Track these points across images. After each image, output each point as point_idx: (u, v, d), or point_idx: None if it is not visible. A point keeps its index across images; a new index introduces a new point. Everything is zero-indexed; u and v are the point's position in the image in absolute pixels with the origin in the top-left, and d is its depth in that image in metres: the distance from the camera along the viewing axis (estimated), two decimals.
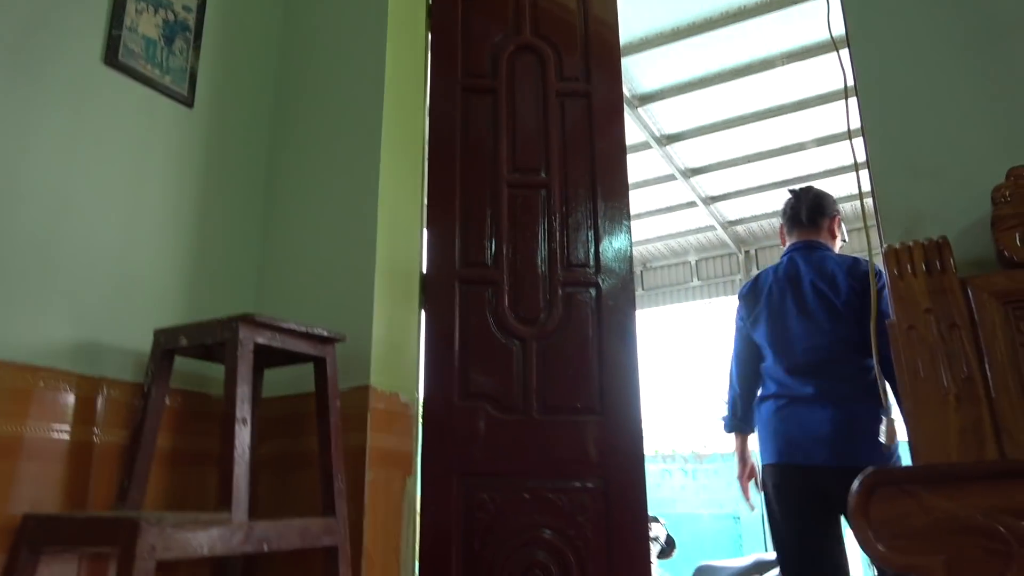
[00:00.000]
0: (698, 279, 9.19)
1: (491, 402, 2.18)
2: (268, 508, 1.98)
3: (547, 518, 2.09)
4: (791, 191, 2.76)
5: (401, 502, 2.05)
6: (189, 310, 2.08)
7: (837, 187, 7.34)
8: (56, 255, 1.80)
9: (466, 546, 2.06)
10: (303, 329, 1.82)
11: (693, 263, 9.22)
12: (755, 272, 8.88)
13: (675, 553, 5.29)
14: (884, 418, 1.71)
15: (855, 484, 0.82)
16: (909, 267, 1.35)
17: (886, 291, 1.43)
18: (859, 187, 1.82)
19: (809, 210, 2.61)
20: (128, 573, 1.33)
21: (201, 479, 2.03)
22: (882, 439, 1.70)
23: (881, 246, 1.48)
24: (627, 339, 2.29)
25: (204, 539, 1.47)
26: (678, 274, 9.32)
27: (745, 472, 2.66)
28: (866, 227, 1.77)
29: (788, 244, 2.65)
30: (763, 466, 2.51)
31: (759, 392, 2.58)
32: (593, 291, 2.33)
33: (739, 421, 2.67)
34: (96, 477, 1.78)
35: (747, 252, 8.90)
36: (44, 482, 1.68)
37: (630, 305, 2.33)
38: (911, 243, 1.41)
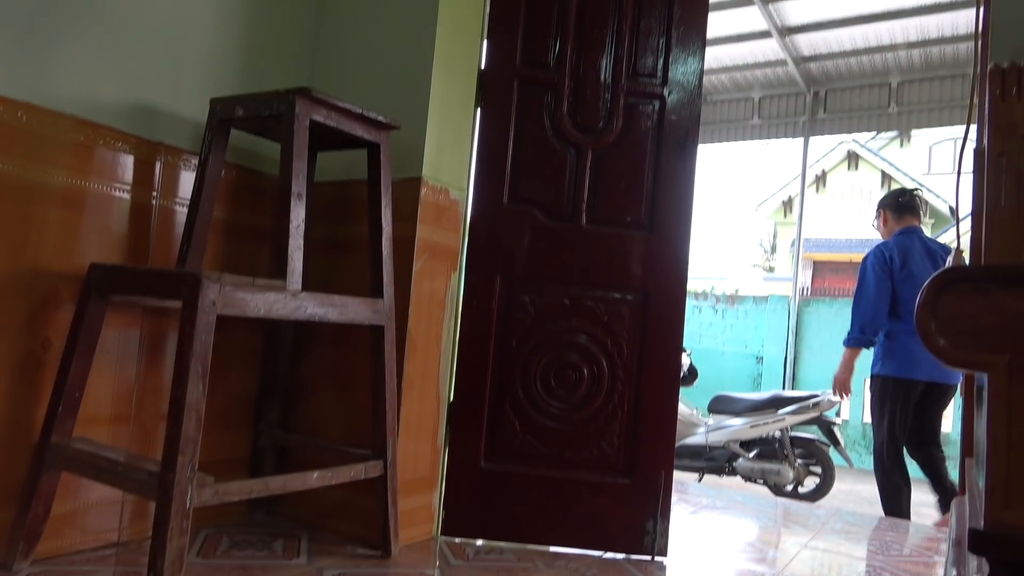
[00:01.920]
0: (759, 117, 8.76)
1: (540, 208, 2.17)
2: (316, 288, 2.06)
3: (584, 324, 2.15)
4: (904, 190, 3.93)
5: (445, 294, 2.11)
6: (242, 84, 2.04)
7: (940, 22, 6.77)
8: (111, 15, 1.75)
9: (503, 343, 2.13)
10: (359, 111, 1.79)
11: (756, 100, 8.75)
12: (821, 115, 8.41)
13: (696, 382, 5.50)
14: None
15: (926, 282, 0.80)
16: (1014, 89, 1.24)
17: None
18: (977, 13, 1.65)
19: (919, 206, 3.83)
20: (191, 324, 1.40)
21: (252, 253, 2.10)
22: None
23: (988, 65, 1.36)
24: (686, 158, 2.21)
25: (260, 301, 1.54)
26: (738, 110, 8.88)
27: (849, 377, 3.72)
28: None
29: (903, 226, 3.71)
30: (886, 377, 3.56)
31: (898, 325, 3.53)
32: (656, 104, 2.22)
33: (865, 340, 3.61)
34: (155, 239, 1.85)
35: (816, 93, 8.39)
36: (107, 237, 1.74)
37: (693, 123, 2.23)
38: (1021, 64, 1.29)
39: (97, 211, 1.72)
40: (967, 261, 1.72)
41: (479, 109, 2.21)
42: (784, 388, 8.40)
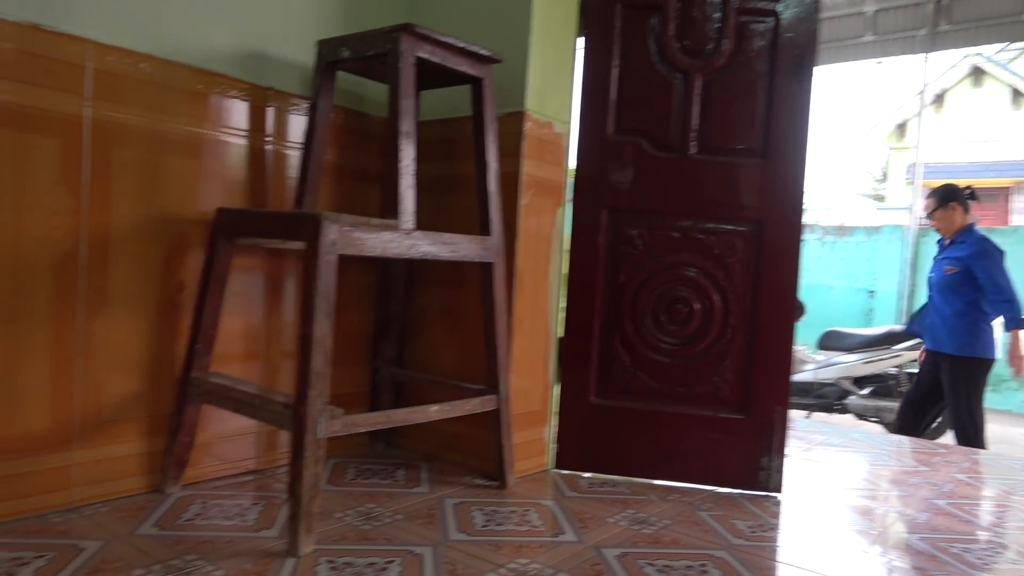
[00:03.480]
0: (873, 33, 8.13)
1: (646, 138, 2.10)
2: (425, 227, 2.08)
3: (695, 258, 2.09)
4: (969, 186, 3.89)
5: (551, 229, 2.09)
6: (345, 25, 2.05)
7: None
8: None
9: (611, 277, 2.11)
10: (462, 45, 1.76)
11: (870, 14, 8.10)
12: (943, 28, 7.71)
13: (803, 317, 5.31)
14: None
15: None
16: None
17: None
18: None
19: None
20: (314, 264, 1.45)
21: (361, 194, 2.14)
22: None
23: None
24: (802, 79, 2.07)
25: (376, 241, 1.57)
26: (849, 27, 8.26)
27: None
28: None
29: (970, 222, 3.79)
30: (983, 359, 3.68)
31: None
32: (770, 21, 2.08)
33: None
34: (271, 182, 1.91)
35: (939, 3, 7.68)
36: (226, 183, 1.81)
37: (810, 41, 2.08)
38: None
39: (216, 157, 1.79)
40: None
41: (581, 37, 2.14)
42: (899, 323, 8.00)
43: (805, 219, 2.12)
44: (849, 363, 5.02)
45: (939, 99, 18.01)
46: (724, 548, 1.63)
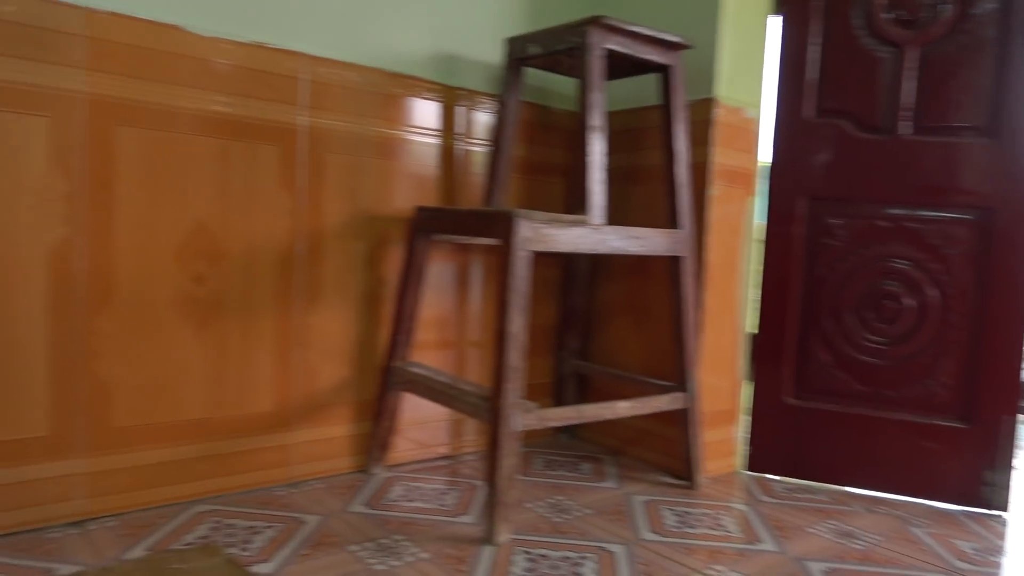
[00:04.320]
0: None
1: (850, 119, 1.94)
2: (611, 219, 2.06)
3: (907, 249, 1.90)
4: None
5: (741, 220, 2.00)
6: (529, 22, 2.07)
7: None
8: None
9: (808, 270, 1.98)
10: (651, 33, 1.71)
11: None
12: None
13: None
14: None
15: None
16: None
17: None
18: None
19: None
20: (509, 261, 1.48)
21: (546, 188, 2.16)
22: None
23: None
24: None
25: (567, 237, 1.57)
26: None
27: None
28: None
29: None
30: None
31: None
32: None
33: None
34: (461, 180, 1.97)
35: None
36: (421, 181, 1.90)
37: None
38: None
39: (410, 157, 1.87)
40: None
41: (776, 15, 2.01)
42: None
43: None
44: None
45: None
46: (946, 572, 1.48)
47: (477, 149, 2.00)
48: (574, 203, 1.96)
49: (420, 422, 1.95)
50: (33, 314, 1.37)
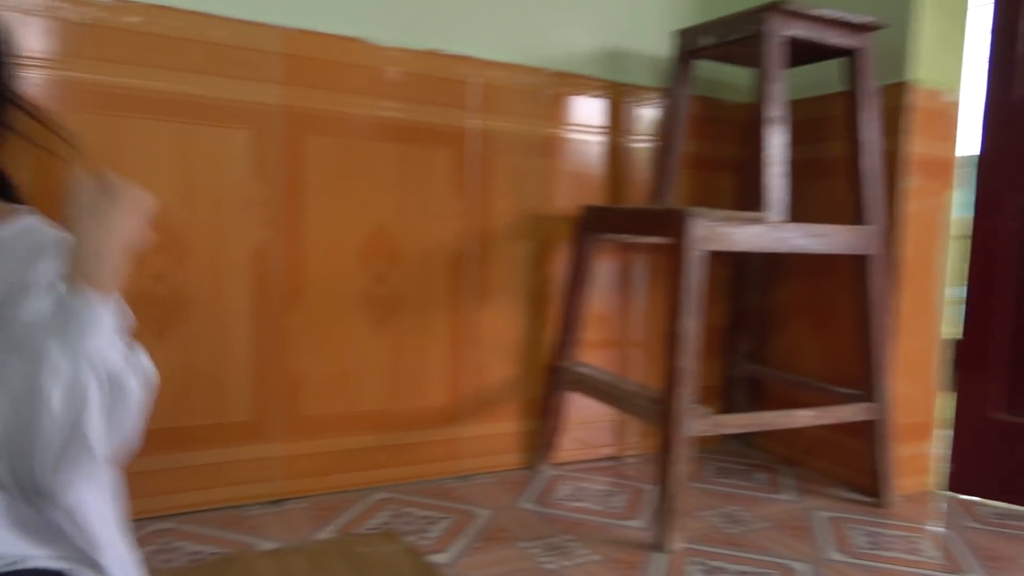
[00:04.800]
0: None
1: None
2: (790, 215, 1.94)
3: None
4: None
5: (939, 215, 1.81)
6: (699, 13, 1.99)
7: None
8: None
9: (1023, 271, 1.76)
10: (837, 16, 1.59)
11: None
12: None
13: None
14: None
15: None
16: None
17: None
18: None
19: None
20: (681, 261, 1.43)
21: (715, 184, 2.07)
22: None
23: None
24: None
25: (744, 235, 1.50)
26: None
27: None
28: None
29: None
30: None
31: None
32: None
33: None
34: (627, 177, 1.94)
35: None
36: (586, 180, 1.88)
37: None
38: None
39: (575, 155, 1.86)
40: None
41: None
42: None
43: None
44: None
45: None
46: None
47: (643, 146, 1.95)
48: (747, 199, 1.87)
49: (584, 422, 1.93)
50: (238, 310, 1.50)
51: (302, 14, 1.51)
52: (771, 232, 1.53)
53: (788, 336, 2.03)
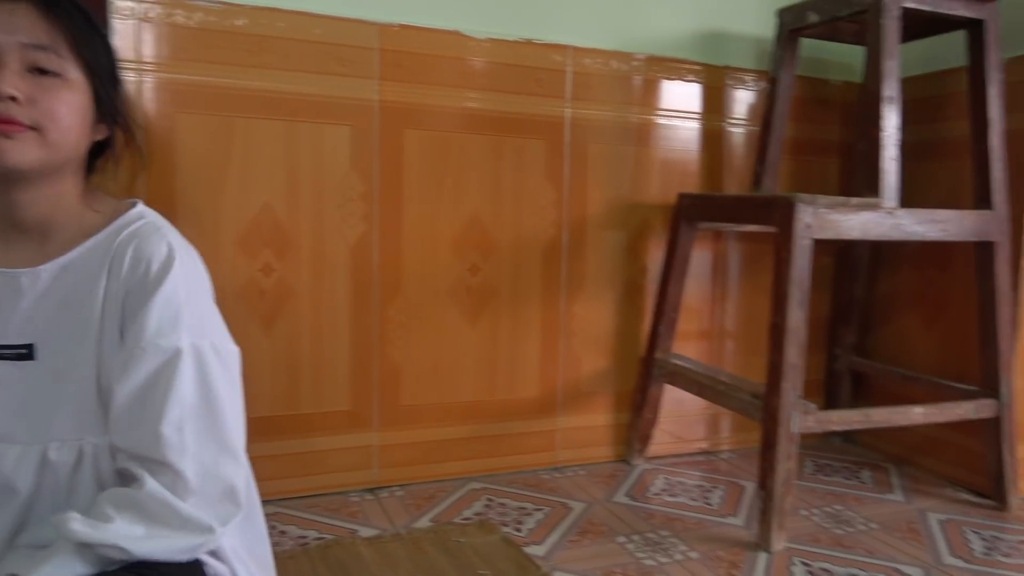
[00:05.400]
0: None
1: None
2: (903, 201, 1.84)
3: None
4: None
5: None
6: None
7: None
8: None
9: None
10: None
11: None
12: None
13: None
14: None
15: None
16: None
17: None
18: None
19: None
20: (787, 250, 1.37)
21: (819, 169, 1.98)
22: None
23: None
24: None
25: (855, 222, 1.42)
26: None
27: None
28: None
29: None
30: None
31: None
32: None
33: None
34: (729, 163, 1.87)
35: None
36: (682, 168, 1.83)
37: None
38: None
39: (670, 141, 1.81)
40: None
41: None
42: None
43: None
44: None
45: None
46: None
47: (740, 130, 1.88)
48: (854, 184, 1.78)
49: (677, 415, 1.89)
50: (339, 302, 1.54)
51: (399, 9, 1.52)
52: (885, 219, 1.45)
53: (896, 328, 1.92)
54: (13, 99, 0.70)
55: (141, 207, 0.83)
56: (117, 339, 0.75)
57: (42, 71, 0.73)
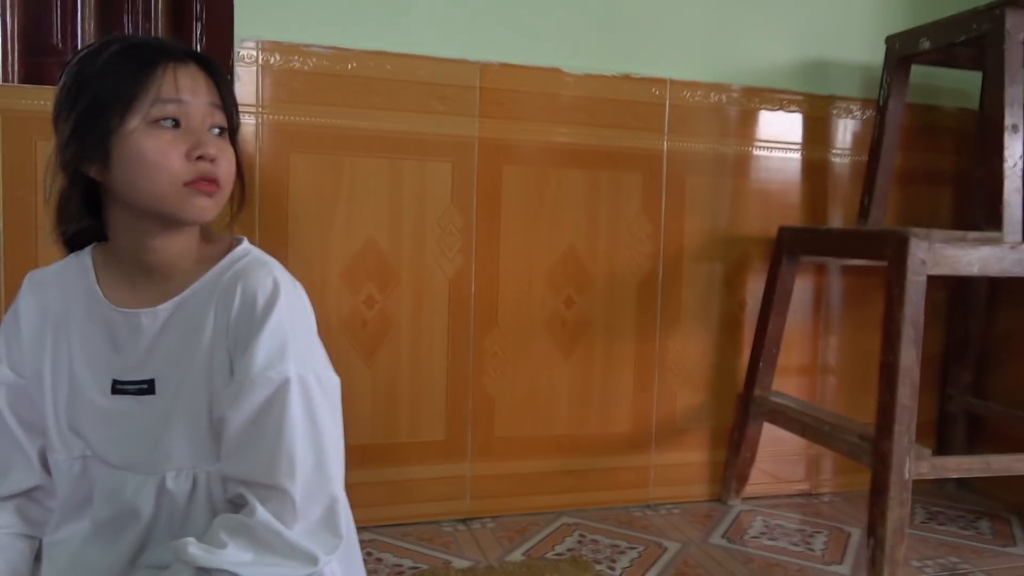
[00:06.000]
0: None
1: None
2: None
3: None
4: None
5: None
6: (913, 16, 1.82)
7: None
8: None
9: None
10: None
11: None
12: None
13: None
14: None
15: None
16: None
17: None
18: None
19: None
20: (900, 286, 1.31)
21: (930, 200, 1.89)
22: None
23: None
24: None
25: (974, 258, 1.34)
26: None
27: None
28: None
29: None
30: None
31: None
32: None
33: None
34: (832, 195, 1.81)
35: None
36: (783, 199, 1.78)
37: None
38: None
39: (770, 173, 1.77)
40: None
41: None
42: None
43: None
44: None
45: None
46: None
47: (844, 160, 1.82)
48: (972, 216, 1.69)
49: (775, 455, 1.82)
50: (437, 333, 1.56)
51: (499, 48, 1.55)
52: (1008, 254, 1.36)
53: (1017, 369, 1.80)
54: (213, 159, 0.76)
55: (246, 244, 0.86)
56: (227, 372, 0.78)
57: (219, 128, 0.78)
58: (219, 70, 0.80)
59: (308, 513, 0.75)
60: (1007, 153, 1.37)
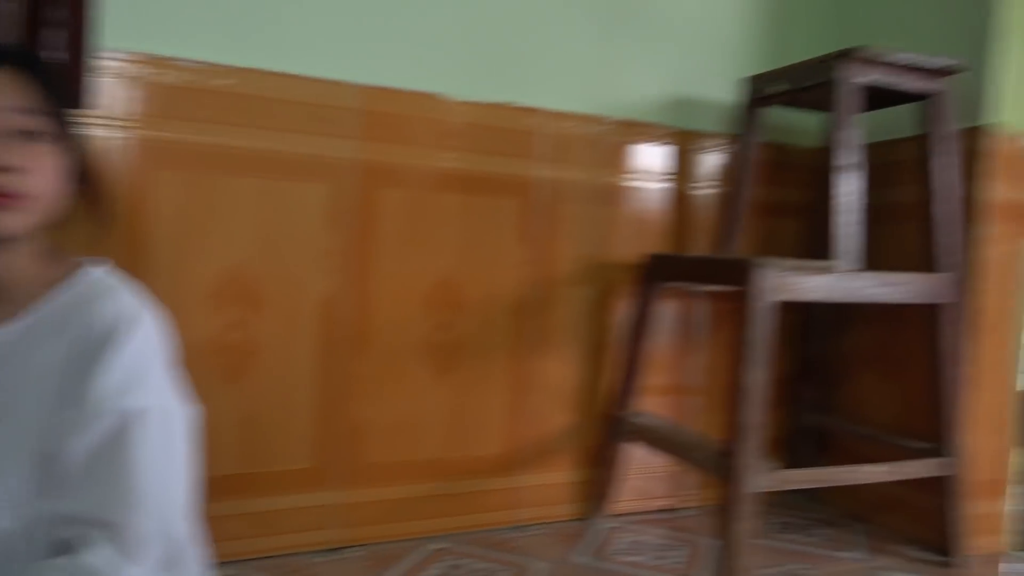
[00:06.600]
0: None
1: None
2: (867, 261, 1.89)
3: None
4: None
5: (1016, 262, 1.74)
6: (767, 59, 1.96)
7: None
8: (655, 19, 1.83)
9: None
10: (914, 61, 1.55)
11: None
12: None
13: None
14: None
15: None
16: None
17: None
18: None
19: None
20: (749, 311, 1.40)
21: (781, 230, 2.03)
22: None
23: None
24: None
25: (814, 285, 1.46)
26: None
27: None
28: None
29: None
30: None
31: None
32: None
33: None
34: (698, 225, 1.91)
35: None
36: (650, 228, 1.86)
37: None
38: None
39: (639, 203, 1.84)
40: None
41: None
42: None
43: None
44: None
45: None
46: None
47: (707, 192, 1.93)
48: (816, 246, 1.82)
49: (640, 471, 1.89)
50: (305, 357, 1.52)
51: (380, 72, 1.54)
52: (843, 282, 1.49)
53: (857, 386, 1.96)
54: (7, 169, 0.70)
55: (99, 265, 0.81)
56: (73, 401, 0.73)
57: (26, 134, 0.72)
58: (40, 70, 0.74)
59: (149, 554, 0.71)
60: (842, 191, 1.50)
